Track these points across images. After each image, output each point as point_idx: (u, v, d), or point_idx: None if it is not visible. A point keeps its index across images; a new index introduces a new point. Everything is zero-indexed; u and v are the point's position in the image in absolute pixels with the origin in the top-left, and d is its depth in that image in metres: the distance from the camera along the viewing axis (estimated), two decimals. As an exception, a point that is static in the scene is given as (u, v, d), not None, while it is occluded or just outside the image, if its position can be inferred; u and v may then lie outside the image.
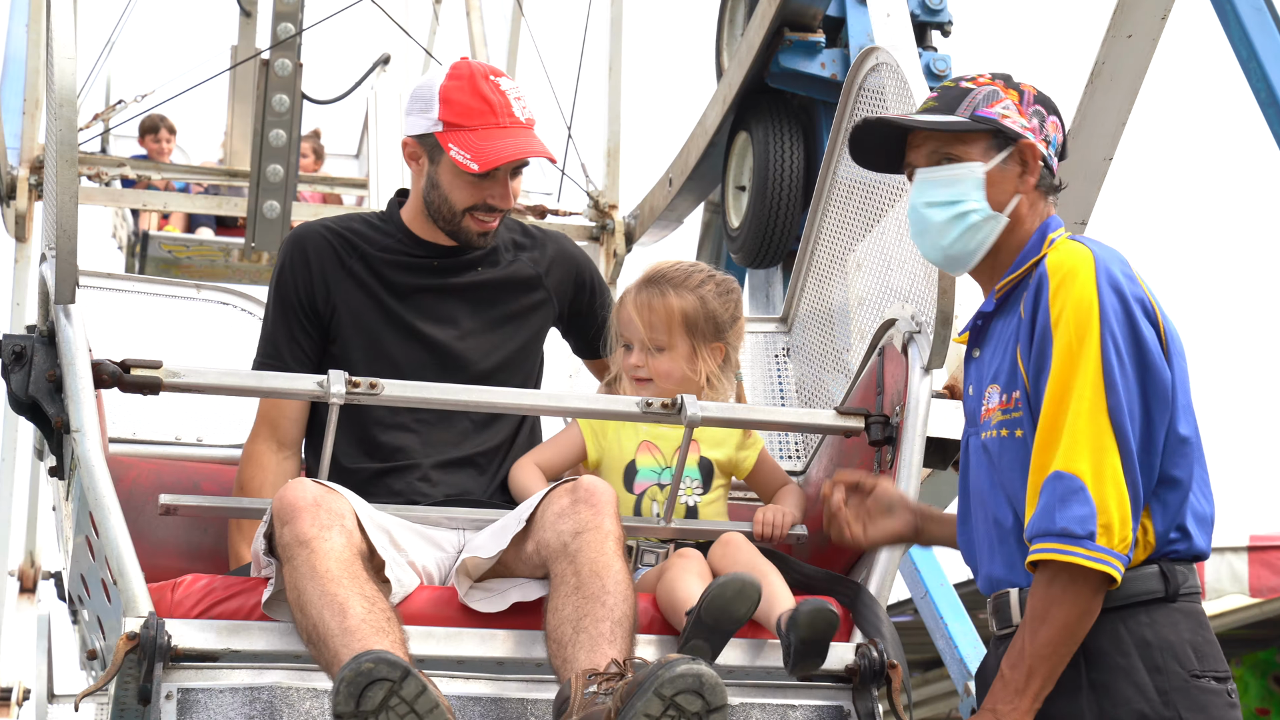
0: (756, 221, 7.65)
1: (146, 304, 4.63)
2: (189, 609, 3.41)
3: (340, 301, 3.91)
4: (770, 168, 7.58)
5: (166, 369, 3.55)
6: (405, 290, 3.93)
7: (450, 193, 3.88)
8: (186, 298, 4.68)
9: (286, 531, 3.34)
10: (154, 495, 3.88)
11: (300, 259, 3.92)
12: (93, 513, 3.38)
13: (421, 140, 3.90)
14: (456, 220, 3.90)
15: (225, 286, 4.74)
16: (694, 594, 3.44)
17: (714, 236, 8.93)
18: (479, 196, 3.87)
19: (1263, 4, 6.17)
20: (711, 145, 7.89)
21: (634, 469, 3.90)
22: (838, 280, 4.46)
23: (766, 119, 7.67)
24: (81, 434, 3.40)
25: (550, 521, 3.45)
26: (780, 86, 7.63)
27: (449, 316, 3.93)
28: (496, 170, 3.84)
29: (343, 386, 3.56)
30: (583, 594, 3.32)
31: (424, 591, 3.54)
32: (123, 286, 4.61)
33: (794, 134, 7.65)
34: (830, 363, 4.48)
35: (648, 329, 3.91)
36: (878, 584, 3.65)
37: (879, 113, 4.06)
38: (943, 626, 6.64)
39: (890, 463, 3.73)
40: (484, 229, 3.92)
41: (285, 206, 8.18)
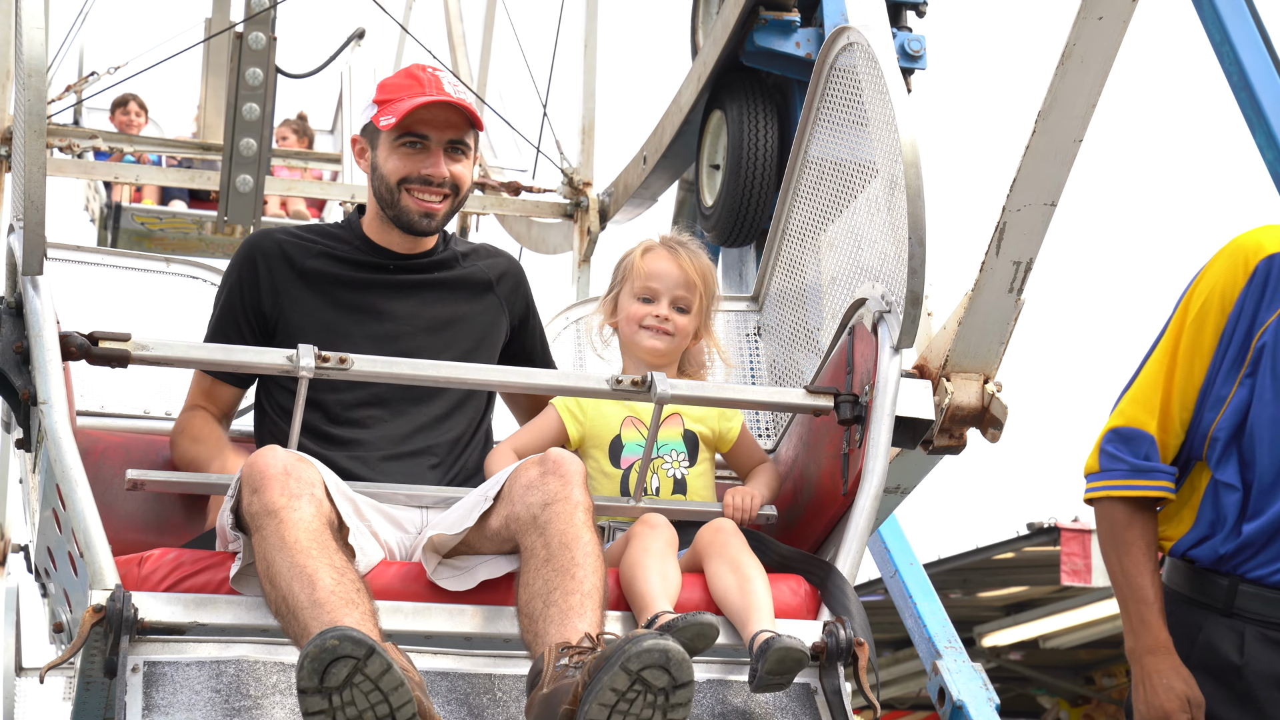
0: (730, 200, 7.63)
1: (115, 277, 4.60)
2: (157, 583, 3.40)
3: (289, 305, 3.92)
4: (744, 146, 7.57)
5: (135, 341, 3.55)
6: (357, 286, 3.95)
7: (384, 167, 3.93)
8: (156, 271, 4.64)
9: (256, 500, 3.33)
10: (122, 469, 3.89)
11: (251, 265, 3.95)
12: (60, 485, 3.37)
13: (364, 131, 4.00)
14: (396, 199, 3.92)
15: (195, 260, 4.71)
16: (651, 588, 3.45)
17: (687, 215, 8.91)
18: (412, 168, 3.90)
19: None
20: (686, 123, 7.87)
21: (620, 444, 3.92)
22: (810, 259, 4.46)
23: (741, 97, 7.65)
24: (49, 406, 3.40)
25: (519, 494, 3.45)
26: (755, 65, 7.61)
27: (400, 315, 3.95)
28: (426, 140, 3.89)
29: (312, 360, 3.56)
30: (552, 566, 3.32)
31: (392, 566, 3.54)
32: (92, 259, 4.57)
33: (768, 113, 7.64)
34: (802, 342, 4.48)
35: (681, 285, 3.96)
36: (847, 564, 3.65)
37: (851, 92, 4.05)
38: (911, 606, 6.65)
39: (859, 441, 3.74)
40: (424, 207, 3.92)
41: (258, 180, 8.14)
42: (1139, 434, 3.41)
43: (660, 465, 3.89)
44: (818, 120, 4.34)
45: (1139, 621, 3.36)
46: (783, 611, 3.56)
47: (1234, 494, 3.35)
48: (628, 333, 3.98)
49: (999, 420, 3.88)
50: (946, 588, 10.36)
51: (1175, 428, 3.41)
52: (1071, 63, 3.49)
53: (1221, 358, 3.37)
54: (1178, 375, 3.41)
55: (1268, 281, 3.34)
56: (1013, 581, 12.37)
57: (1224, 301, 3.37)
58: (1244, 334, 3.35)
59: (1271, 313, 3.33)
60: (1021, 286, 3.79)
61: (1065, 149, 3.61)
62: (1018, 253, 3.74)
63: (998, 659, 12.88)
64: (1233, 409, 3.35)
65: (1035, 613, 12.53)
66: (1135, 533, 3.41)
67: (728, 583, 3.54)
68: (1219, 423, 3.36)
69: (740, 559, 3.58)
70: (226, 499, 3.48)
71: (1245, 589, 3.32)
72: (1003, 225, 3.72)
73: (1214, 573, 3.36)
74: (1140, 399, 3.44)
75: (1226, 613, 3.34)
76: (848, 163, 4.16)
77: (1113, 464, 3.44)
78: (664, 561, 3.54)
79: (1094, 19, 3.43)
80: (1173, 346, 3.42)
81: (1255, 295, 3.34)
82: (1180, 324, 3.42)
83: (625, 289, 4.01)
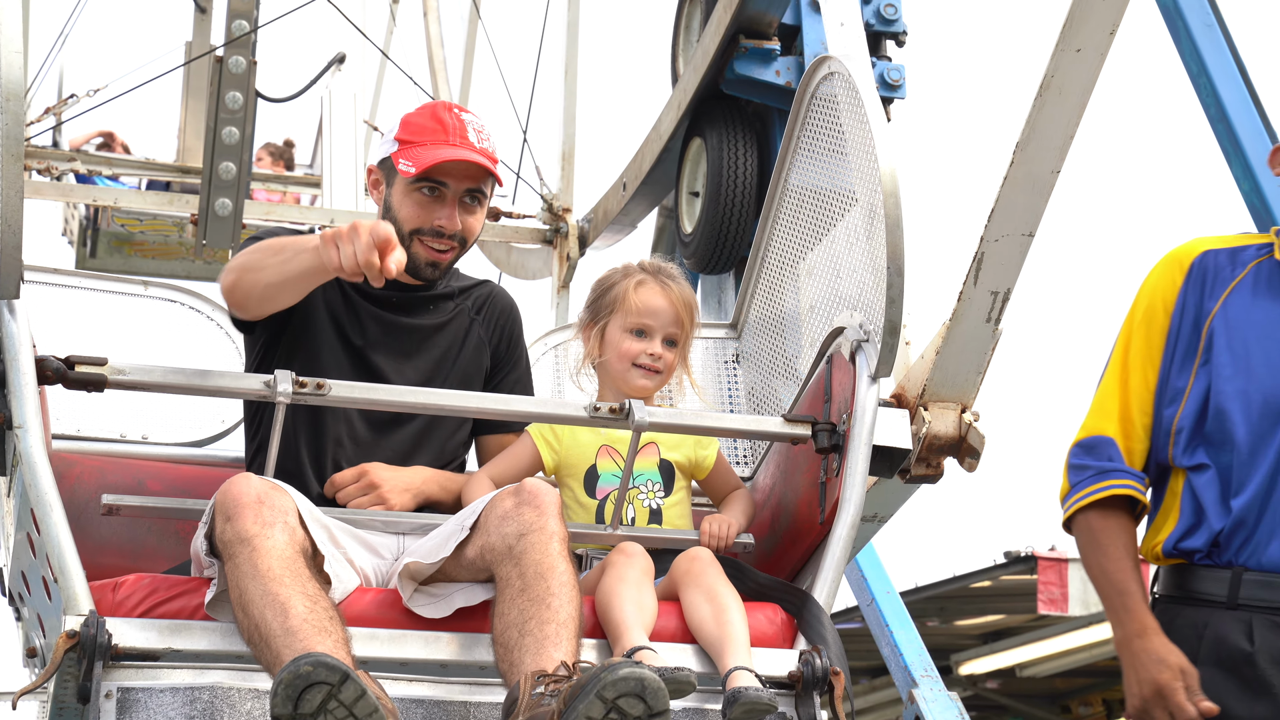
0: (710, 227, 7.65)
1: (92, 300, 4.58)
2: (131, 608, 3.39)
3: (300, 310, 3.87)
4: (724, 174, 7.59)
5: (111, 366, 3.53)
6: (356, 316, 3.93)
7: (399, 211, 3.90)
8: (133, 294, 4.62)
9: (229, 528, 3.32)
10: (97, 493, 3.90)
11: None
12: (34, 510, 3.36)
13: (381, 164, 3.96)
14: (406, 245, 3.87)
15: (172, 283, 4.66)
16: (626, 617, 3.44)
17: (667, 241, 8.92)
18: (427, 218, 3.88)
19: (1213, 20, 6.23)
20: (666, 150, 7.89)
21: (595, 474, 3.91)
22: (789, 287, 4.47)
23: (721, 125, 7.68)
24: (25, 430, 3.39)
25: (495, 525, 3.44)
26: (735, 93, 7.64)
27: (392, 349, 3.94)
28: (444, 190, 3.86)
29: (289, 386, 3.54)
30: (528, 596, 3.32)
31: (368, 593, 3.53)
32: (68, 282, 4.55)
33: (748, 140, 7.66)
34: (781, 369, 4.49)
35: (673, 321, 3.96)
36: (824, 593, 3.65)
37: (831, 122, 4.07)
38: (888, 634, 6.65)
39: (837, 470, 3.74)
40: (433, 258, 3.91)
41: (237, 204, 8.15)
42: (1100, 440, 3.43)
43: (636, 495, 3.89)
44: (798, 149, 4.35)
45: (1122, 610, 3.33)
46: (759, 640, 3.56)
47: (1208, 473, 3.34)
48: (619, 369, 3.96)
49: (976, 450, 3.89)
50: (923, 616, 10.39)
51: (1137, 431, 3.42)
52: (1050, 94, 3.52)
53: (1172, 355, 3.40)
54: (1132, 380, 3.42)
55: (1204, 275, 3.40)
56: (989, 610, 12.45)
57: (1166, 303, 3.42)
58: (1191, 326, 3.39)
59: (1215, 300, 3.38)
60: (999, 316, 3.80)
61: (1043, 180, 3.63)
62: (995, 283, 3.76)
63: (974, 687, 12.92)
64: (1192, 399, 3.37)
65: (1012, 641, 12.56)
66: (1110, 534, 3.38)
67: (703, 613, 3.54)
68: (1180, 416, 3.37)
69: (716, 588, 3.58)
70: (200, 525, 3.46)
71: (1250, 577, 3.29)
72: (980, 255, 3.74)
73: (1214, 567, 3.33)
74: (1098, 409, 3.46)
75: (1232, 605, 3.29)
76: (827, 191, 4.17)
77: (1079, 475, 3.45)
78: (640, 590, 3.53)
79: (1072, 51, 3.46)
80: (1123, 354, 3.45)
81: (1195, 290, 3.40)
82: (1128, 332, 3.45)
83: (615, 322, 3.97)
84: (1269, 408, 3.30)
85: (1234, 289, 3.39)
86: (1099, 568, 3.38)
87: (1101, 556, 3.37)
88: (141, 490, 4.07)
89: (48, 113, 12.40)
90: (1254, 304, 3.37)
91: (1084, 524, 3.42)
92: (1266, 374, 3.32)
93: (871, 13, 7.44)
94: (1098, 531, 3.39)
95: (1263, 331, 3.34)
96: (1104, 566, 3.37)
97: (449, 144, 3.86)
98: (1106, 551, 3.37)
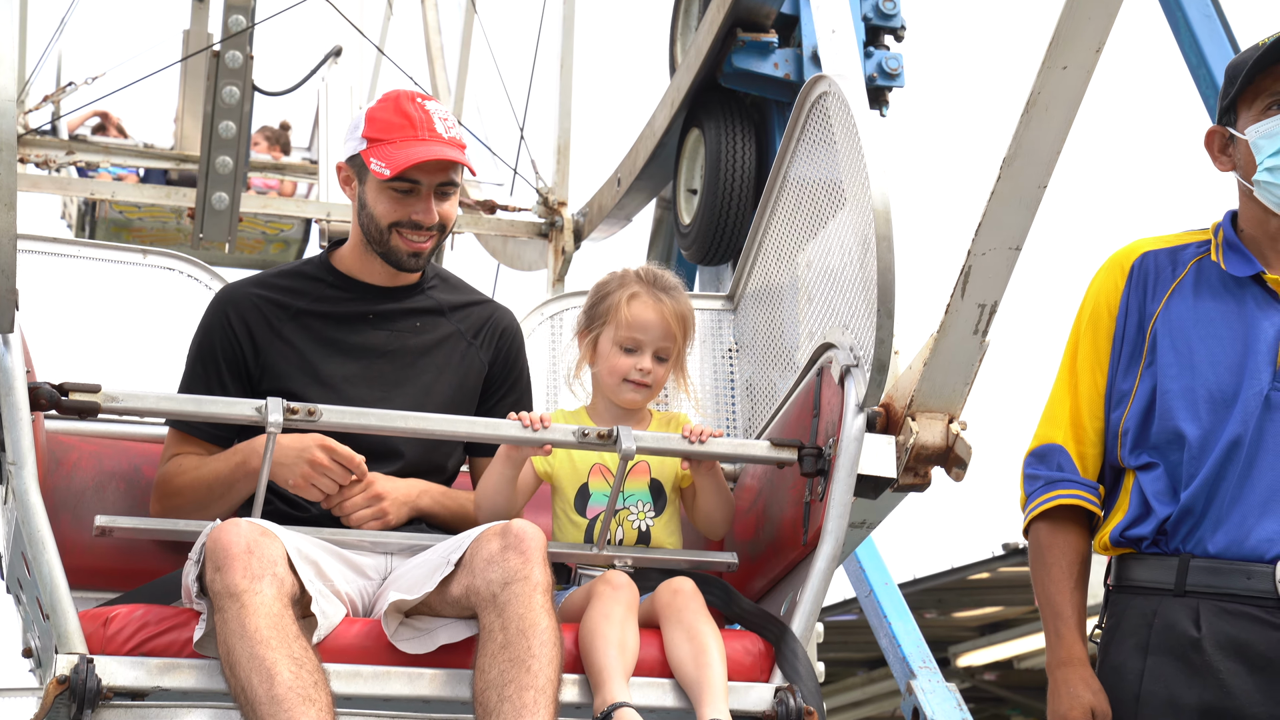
0: (708, 219, 7.67)
1: (92, 269, 4.54)
2: (121, 644, 3.43)
3: (271, 363, 3.93)
4: (722, 165, 7.61)
5: (105, 393, 3.56)
6: (337, 348, 3.96)
7: (375, 208, 3.94)
8: (132, 263, 4.55)
9: (219, 579, 3.36)
10: (95, 479, 4.03)
11: (227, 321, 3.95)
12: (26, 552, 3.40)
13: (350, 161, 3.99)
14: (385, 239, 3.94)
15: (170, 252, 4.58)
16: (609, 661, 3.48)
17: (665, 233, 8.95)
18: (403, 212, 3.93)
19: (1212, 11, 6.22)
20: (660, 146, 7.90)
21: (587, 492, 3.93)
22: (786, 275, 4.47)
23: (719, 117, 7.68)
24: (19, 468, 3.40)
25: (480, 568, 3.47)
26: (733, 86, 7.64)
27: (381, 377, 3.97)
28: (418, 186, 3.91)
29: (280, 415, 3.58)
30: (508, 655, 3.35)
31: (353, 625, 3.56)
32: (68, 251, 4.50)
33: (746, 132, 7.67)
34: (779, 361, 4.49)
35: (664, 336, 3.96)
36: (801, 624, 3.69)
37: (825, 132, 4.07)
38: (886, 625, 6.68)
39: (821, 495, 3.77)
40: (413, 248, 3.95)
41: (234, 198, 8.18)
42: (1050, 448, 3.47)
43: (626, 516, 3.91)
44: (797, 150, 4.35)
45: (1054, 636, 3.41)
46: (736, 672, 3.61)
47: (1156, 470, 3.38)
48: (609, 383, 3.97)
49: (963, 460, 3.90)
50: (922, 607, 10.38)
51: (1089, 436, 3.46)
52: (1036, 110, 3.51)
53: (1119, 357, 3.45)
54: (1081, 384, 3.47)
55: (1146, 277, 3.46)
56: (988, 602, 12.40)
57: (1110, 306, 3.47)
58: (1135, 328, 3.44)
59: (1158, 302, 3.43)
60: (986, 328, 3.80)
61: (1030, 194, 3.63)
62: (982, 296, 3.75)
63: (972, 679, 12.93)
64: (1138, 400, 3.41)
65: (1010, 633, 12.55)
66: (1056, 551, 3.44)
67: (683, 653, 3.57)
68: (1126, 418, 3.42)
69: (697, 626, 3.61)
70: (192, 561, 3.50)
71: (1196, 564, 3.32)
72: (968, 269, 3.73)
73: (1161, 555, 3.36)
74: (1048, 417, 3.50)
75: (1179, 592, 3.32)
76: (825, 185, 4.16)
77: (1032, 485, 3.49)
78: (623, 629, 3.57)
79: (1058, 69, 3.46)
80: (1071, 361, 3.49)
81: (1138, 292, 3.45)
82: (1075, 339, 3.49)
83: (607, 334, 3.97)
84: (1214, 403, 3.34)
85: (1175, 289, 3.44)
86: (1040, 586, 3.45)
87: (1044, 575, 3.44)
88: (137, 474, 4.10)
89: (46, 101, 12.41)
90: (1196, 304, 3.41)
91: (1034, 537, 3.47)
92: (1210, 370, 3.35)
93: (870, 6, 7.44)
94: (1045, 548, 3.45)
95: (1205, 330, 3.39)
96: (1044, 586, 3.44)
97: (418, 139, 3.89)
98: (1049, 571, 3.43)
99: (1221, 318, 3.39)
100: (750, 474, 4.25)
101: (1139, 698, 3.32)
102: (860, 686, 12.70)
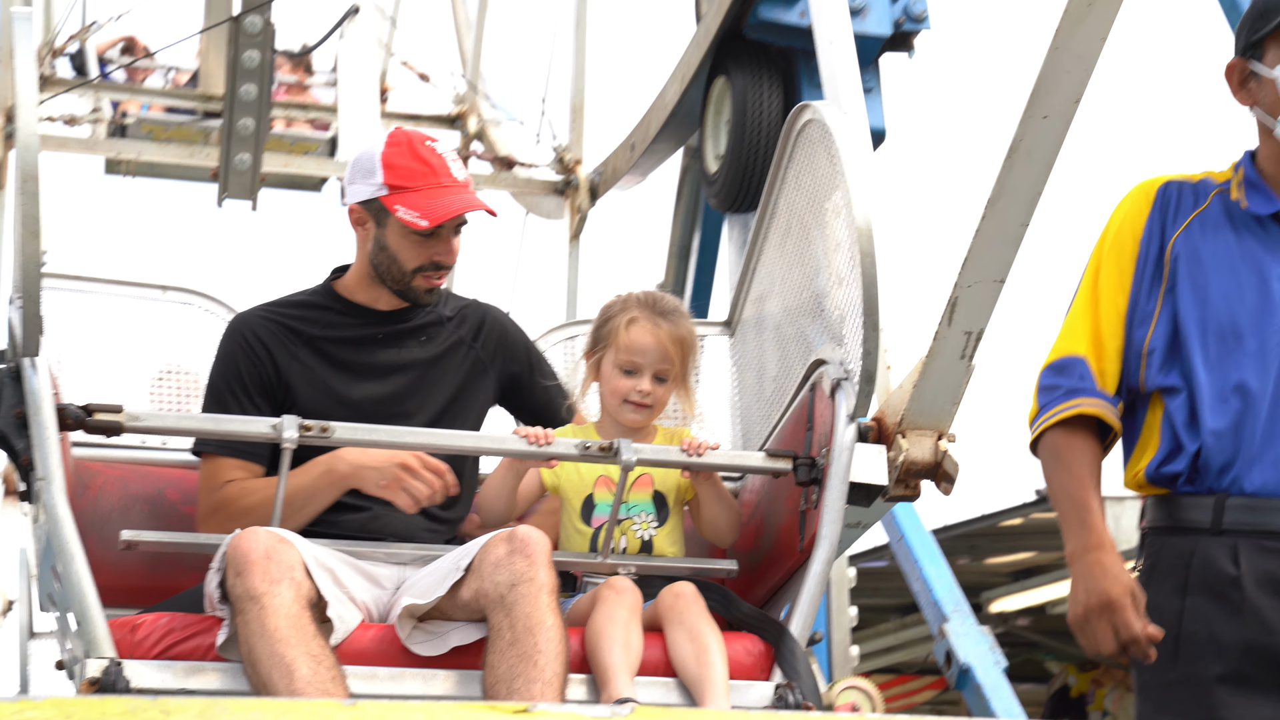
0: (734, 166, 7.68)
1: (112, 305, 4.74)
2: (149, 649, 3.62)
3: (292, 384, 4.09)
4: (749, 113, 7.62)
5: (127, 413, 3.75)
6: (353, 370, 4.13)
7: (399, 253, 4.10)
8: (151, 299, 4.76)
9: (239, 584, 3.56)
10: (121, 503, 4.19)
11: (248, 344, 4.11)
12: (56, 566, 3.58)
13: (367, 205, 4.12)
14: (406, 280, 4.11)
15: (189, 288, 4.81)
16: (614, 660, 3.65)
17: (691, 182, 8.97)
18: (426, 255, 4.09)
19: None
20: (672, 115, 7.96)
21: (592, 503, 4.10)
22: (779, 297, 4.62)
23: (745, 65, 7.66)
24: (48, 483, 3.60)
25: (488, 571, 3.67)
26: (759, 38, 7.63)
27: (396, 395, 4.14)
28: (442, 228, 4.06)
29: (295, 431, 3.76)
30: (516, 651, 3.55)
31: (368, 630, 3.75)
32: (89, 288, 4.70)
33: (773, 80, 7.69)
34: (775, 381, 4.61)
35: (662, 359, 4.10)
36: (799, 625, 3.86)
37: (810, 159, 4.22)
38: (919, 570, 6.77)
39: (816, 503, 3.95)
40: (430, 286, 4.14)
41: (256, 158, 8.33)
42: (1071, 360, 3.43)
43: (629, 526, 4.08)
44: (784, 182, 4.50)
45: (1079, 525, 3.30)
46: (737, 671, 3.78)
47: (1181, 396, 3.36)
48: (611, 403, 4.14)
49: (951, 475, 4.06)
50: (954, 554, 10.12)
51: (1109, 353, 3.43)
52: (1018, 156, 3.64)
53: (1142, 277, 3.43)
54: (1102, 300, 3.44)
55: (1169, 203, 3.46)
56: (1020, 547, 12.20)
57: (1134, 230, 3.46)
58: (1157, 251, 3.43)
59: (1178, 226, 3.43)
60: (972, 354, 3.95)
61: (1013, 232, 3.76)
62: (968, 324, 3.90)
63: (1005, 625, 12.71)
64: (1162, 321, 3.39)
65: (1043, 579, 12.30)
66: (1076, 453, 3.37)
67: (685, 652, 3.75)
68: (1151, 338, 3.39)
69: (698, 627, 3.79)
70: (214, 569, 3.69)
71: (1233, 503, 3.29)
72: (954, 300, 3.88)
73: (1197, 495, 3.33)
74: (1068, 331, 3.47)
75: (1216, 531, 3.29)
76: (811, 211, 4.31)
77: (1049, 395, 3.43)
78: (628, 630, 3.75)
79: (1039, 118, 3.58)
80: (1093, 280, 3.47)
81: (1159, 216, 3.45)
82: (1097, 260, 3.48)
83: (609, 356, 4.13)
84: (1223, 338, 3.33)
85: (1195, 218, 3.44)
86: (1059, 483, 3.36)
87: (1064, 473, 3.37)
88: (161, 498, 4.29)
89: (71, 40, 12.54)
90: (1215, 236, 3.41)
91: (1049, 442, 3.40)
92: (1223, 305, 3.35)
93: (900, 7, 7.47)
94: (1062, 448, 3.38)
95: (1222, 264, 3.38)
96: (1064, 482, 3.36)
97: (442, 186, 4.06)
98: (1069, 468, 3.36)
99: (1240, 253, 3.38)
100: (750, 487, 4.42)
101: (1179, 638, 3.28)
102: (893, 632, 12.48)
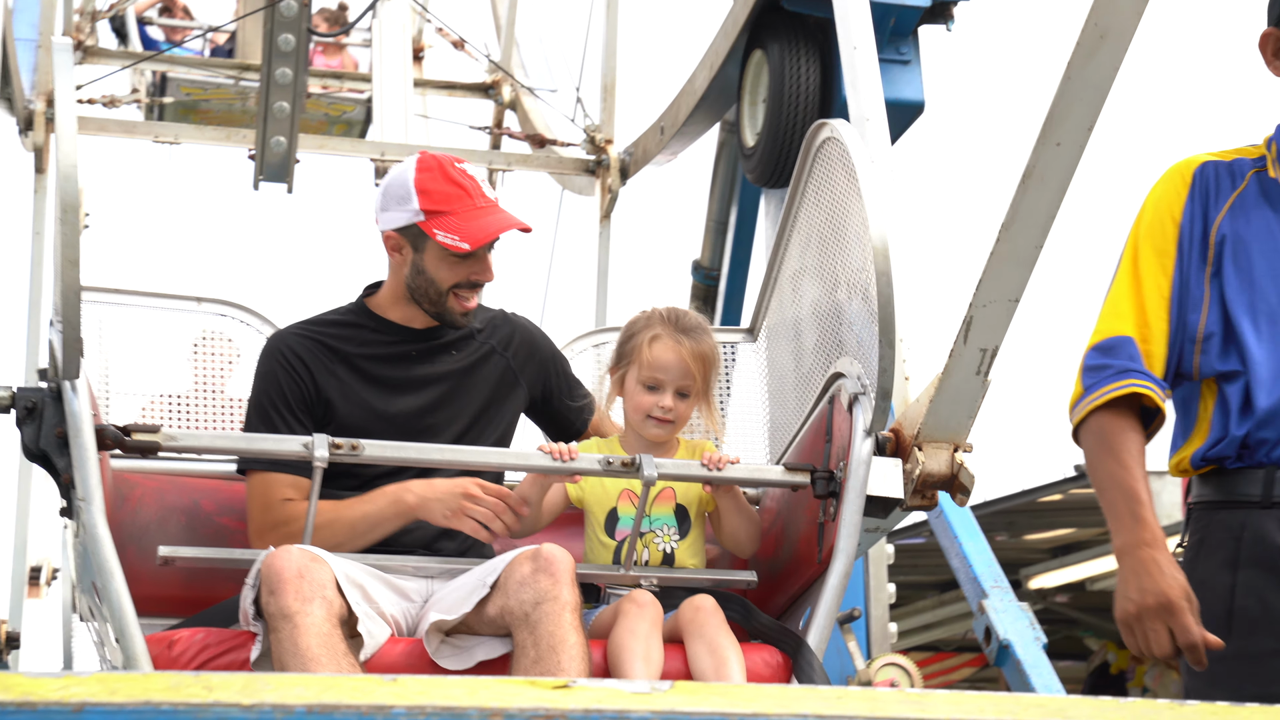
0: (772, 140, 7.69)
1: (149, 317, 4.85)
2: (185, 664, 3.75)
3: (331, 400, 4.19)
4: (786, 86, 7.62)
5: (164, 433, 3.87)
6: (389, 385, 4.23)
7: (437, 274, 4.19)
8: (187, 310, 4.87)
9: (272, 602, 3.68)
10: (159, 515, 4.30)
11: (287, 362, 4.20)
12: (96, 581, 3.71)
13: (404, 232, 4.21)
14: (442, 300, 4.21)
15: (225, 300, 4.92)
16: (635, 672, 3.76)
17: (728, 156, 8.98)
18: (464, 274, 4.19)
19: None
20: (702, 100, 8.00)
21: (615, 516, 4.21)
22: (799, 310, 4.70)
23: (783, 38, 7.67)
24: (87, 503, 3.71)
25: (513, 589, 3.78)
26: (796, 9, 7.63)
27: (430, 407, 4.24)
28: (479, 251, 4.16)
29: (325, 450, 3.87)
30: (540, 669, 3.66)
31: (397, 644, 3.87)
32: (125, 301, 4.82)
33: (810, 52, 7.71)
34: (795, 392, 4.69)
35: (684, 375, 4.19)
36: (816, 636, 3.97)
37: (828, 176, 4.30)
38: (958, 546, 6.77)
39: (834, 515, 4.04)
40: (465, 308, 4.24)
41: (291, 140, 8.41)
42: (1119, 340, 3.33)
43: (652, 539, 4.19)
44: (804, 199, 4.58)
45: (1132, 519, 3.16)
46: (756, 682, 3.88)
47: (1239, 381, 3.28)
48: (634, 419, 4.24)
49: (966, 487, 4.14)
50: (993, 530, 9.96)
51: (1156, 335, 3.33)
52: (1032, 181, 3.70)
53: (1187, 261, 3.34)
54: (1145, 280, 3.36)
55: (1207, 184, 3.39)
56: (1059, 524, 12.16)
57: (1173, 214, 3.38)
58: (1201, 233, 3.36)
59: (1220, 208, 3.37)
60: (988, 369, 4.02)
61: (1026, 254, 3.81)
62: (984, 341, 3.96)
63: (1044, 601, 12.68)
64: (1214, 305, 3.30)
65: (1082, 555, 12.27)
66: (1123, 437, 3.25)
67: (705, 664, 3.86)
68: (1206, 321, 3.32)
69: (718, 640, 3.89)
70: (248, 586, 3.81)
71: None
72: (970, 319, 3.95)
73: (1246, 469, 3.25)
74: (1112, 311, 3.37)
75: (1267, 504, 3.21)
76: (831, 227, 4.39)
77: (1096, 376, 3.32)
78: (648, 644, 3.86)
79: (1052, 145, 3.63)
80: (1133, 260, 3.39)
81: (1199, 199, 3.38)
82: (1134, 243, 3.39)
83: (631, 373, 4.23)
84: (1275, 319, 3.28)
85: (1235, 200, 3.38)
86: (1107, 471, 3.23)
87: (1112, 460, 3.24)
88: (196, 509, 4.40)
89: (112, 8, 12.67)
90: (1256, 216, 3.35)
91: (1095, 425, 3.28)
92: (1270, 285, 3.30)
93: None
94: (1110, 433, 3.26)
95: (1266, 245, 3.33)
96: (1114, 470, 3.23)
97: (477, 207, 4.16)
98: (1118, 456, 3.24)
99: None
100: (770, 498, 4.52)
101: (1231, 612, 3.19)
102: (932, 609, 12.49)
